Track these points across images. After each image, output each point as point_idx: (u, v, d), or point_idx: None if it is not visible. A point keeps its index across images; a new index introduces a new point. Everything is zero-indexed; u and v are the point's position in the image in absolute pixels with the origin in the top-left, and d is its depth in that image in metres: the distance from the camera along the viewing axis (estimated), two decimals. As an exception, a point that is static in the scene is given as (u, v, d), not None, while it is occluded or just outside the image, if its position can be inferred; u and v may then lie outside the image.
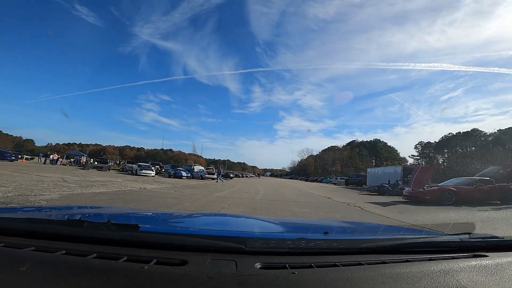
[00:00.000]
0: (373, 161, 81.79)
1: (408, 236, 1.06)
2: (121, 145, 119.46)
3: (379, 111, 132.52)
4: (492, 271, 0.76)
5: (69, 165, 31.92)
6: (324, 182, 46.40)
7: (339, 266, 0.71)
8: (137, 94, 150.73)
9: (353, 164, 74.92)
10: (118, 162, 50.48)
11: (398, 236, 1.08)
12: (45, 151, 39.12)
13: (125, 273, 0.60)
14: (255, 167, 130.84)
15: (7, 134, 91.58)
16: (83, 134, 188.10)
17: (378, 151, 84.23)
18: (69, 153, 36.99)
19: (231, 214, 3.63)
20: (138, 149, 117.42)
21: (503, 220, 6.86)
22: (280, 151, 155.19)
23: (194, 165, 31.78)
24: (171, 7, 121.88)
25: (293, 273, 0.65)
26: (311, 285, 0.62)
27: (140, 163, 27.37)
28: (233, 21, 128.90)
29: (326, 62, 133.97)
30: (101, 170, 24.78)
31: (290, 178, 75.23)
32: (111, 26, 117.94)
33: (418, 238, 1.05)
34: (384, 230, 1.62)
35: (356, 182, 33.71)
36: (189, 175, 25.75)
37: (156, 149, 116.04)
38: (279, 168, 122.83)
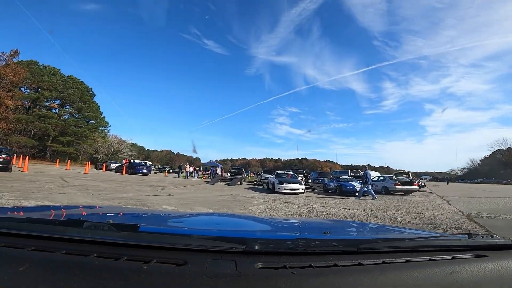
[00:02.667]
0: None
1: (408, 236, 1.05)
2: (262, 158, 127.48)
3: None
4: (492, 271, 0.77)
5: (205, 178, 30.02)
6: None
7: (339, 266, 0.71)
8: (269, 110, 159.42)
9: None
10: (256, 172, 48.83)
11: (398, 236, 1.11)
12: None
13: (125, 273, 0.61)
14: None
15: (182, 155, 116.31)
16: (234, 150, 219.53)
17: None
18: (205, 164, 36.84)
19: (231, 214, 3.52)
20: (276, 160, 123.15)
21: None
22: (434, 150, 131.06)
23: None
24: (274, 24, 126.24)
25: (292, 273, 0.65)
26: (310, 285, 0.63)
27: (278, 172, 17.47)
28: (337, 22, 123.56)
29: (475, 39, 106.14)
30: (229, 185, 18.49)
31: (481, 182, 51.75)
32: (234, 53, 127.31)
33: (418, 238, 1.04)
34: (384, 230, 1.66)
35: None
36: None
37: (291, 159, 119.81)
38: (441, 171, 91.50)
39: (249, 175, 40.96)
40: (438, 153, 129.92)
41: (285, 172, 18.18)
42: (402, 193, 15.61)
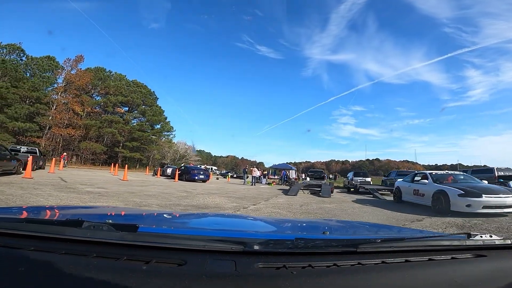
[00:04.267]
0: None
1: (407, 236, 1.03)
2: (327, 160, 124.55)
3: None
4: (491, 271, 0.78)
5: (275, 184, 23.15)
6: None
7: (339, 266, 0.70)
8: (330, 111, 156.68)
9: None
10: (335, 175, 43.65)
11: (397, 236, 1.09)
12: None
13: (125, 273, 0.60)
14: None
15: (246, 160, 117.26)
16: (296, 154, 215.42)
17: None
18: (275, 166, 29.80)
19: (230, 214, 3.77)
20: (343, 162, 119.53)
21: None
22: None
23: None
24: (324, 23, 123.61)
25: (292, 273, 0.65)
26: (310, 285, 0.62)
27: (428, 172, 8.86)
28: (394, 13, 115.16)
29: None
30: (320, 195, 11.86)
31: None
32: (287, 56, 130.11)
33: (418, 238, 1.03)
34: (383, 230, 1.64)
35: None
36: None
37: (361, 160, 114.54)
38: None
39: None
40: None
41: (442, 172, 9.45)
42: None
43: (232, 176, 37.13)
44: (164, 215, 1.84)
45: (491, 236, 0.94)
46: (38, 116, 33.12)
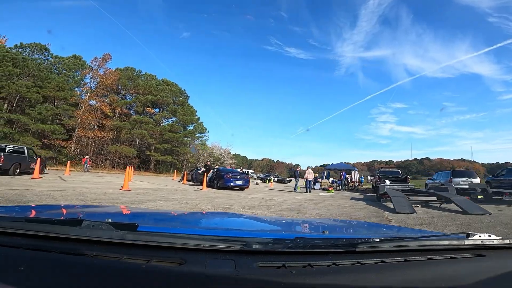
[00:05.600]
0: None
1: (406, 236, 1.02)
2: (368, 161, 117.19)
3: None
4: (490, 271, 0.77)
5: (334, 190, 17.52)
6: None
7: (338, 266, 0.70)
8: (368, 109, 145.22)
9: None
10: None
11: (396, 236, 1.09)
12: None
13: (124, 273, 0.61)
14: None
15: (283, 162, 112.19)
16: (332, 155, 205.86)
17: None
18: (330, 166, 23.54)
19: (230, 213, 3.45)
20: (387, 162, 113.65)
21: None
22: None
23: None
24: (353, 19, 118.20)
25: (291, 272, 0.65)
26: (309, 284, 0.62)
27: None
28: (428, 4, 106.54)
29: None
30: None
31: None
32: (318, 56, 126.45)
33: (417, 238, 1.03)
34: (382, 230, 1.65)
35: None
36: None
37: (407, 160, 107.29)
38: None
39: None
40: None
41: None
42: None
43: (274, 181, 31.47)
44: (164, 215, 1.87)
45: (490, 236, 0.92)
46: (64, 117, 31.31)
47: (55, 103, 30.85)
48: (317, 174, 24.22)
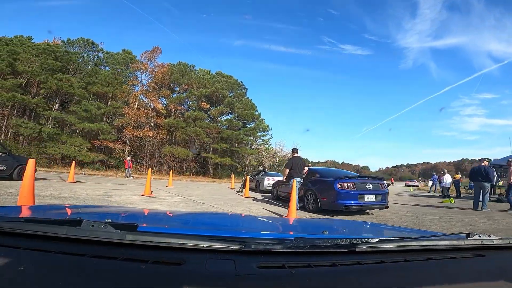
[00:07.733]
0: None
1: (406, 236, 1.02)
2: (455, 160, 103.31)
3: None
4: (489, 271, 0.78)
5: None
6: None
7: (338, 266, 0.70)
8: (448, 102, 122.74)
9: None
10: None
11: (396, 236, 1.08)
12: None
13: (123, 273, 0.61)
14: None
15: (348, 164, 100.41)
16: (405, 155, 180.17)
17: None
18: (498, 161, 13.28)
19: (229, 213, 3.51)
20: (480, 161, 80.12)
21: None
22: None
23: None
24: (412, 8, 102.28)
25: (291, 272, 0.65)
26: (309, 284, 0.62)
27: None
28: None
29: None
30: None
31: None
32: (378, 50, 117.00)
33: (416, 238, 1.01)
34: (382, 230, 1.68)
35: None
36: None
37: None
38: None
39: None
40: None
41: None
42: None
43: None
44: (164, 215, 1.85)
45: (489, 236, 0.92)
46: (112, 115, 28.67)
47: (104, 100, 28.46)
48: (459, 176, 14.93)
